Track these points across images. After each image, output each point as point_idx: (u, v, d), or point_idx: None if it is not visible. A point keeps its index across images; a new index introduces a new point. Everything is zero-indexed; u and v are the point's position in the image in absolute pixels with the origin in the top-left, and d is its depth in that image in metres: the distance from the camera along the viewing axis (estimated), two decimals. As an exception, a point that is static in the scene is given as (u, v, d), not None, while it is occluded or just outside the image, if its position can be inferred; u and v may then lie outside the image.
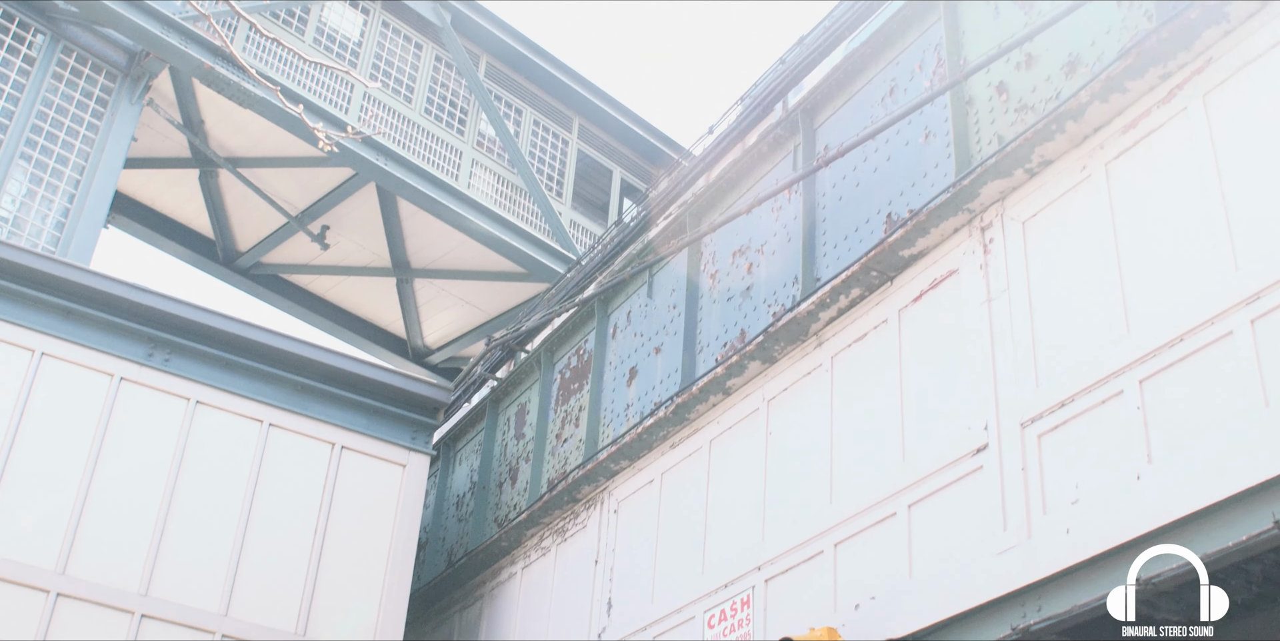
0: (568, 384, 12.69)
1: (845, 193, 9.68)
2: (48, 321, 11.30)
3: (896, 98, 9.45)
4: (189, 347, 11.87)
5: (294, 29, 17.21)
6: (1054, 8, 8.09)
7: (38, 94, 14.77)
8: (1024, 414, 7.24)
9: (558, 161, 19.63)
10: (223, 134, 17.41)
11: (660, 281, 11.81)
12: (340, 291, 20.07)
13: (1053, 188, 7.72)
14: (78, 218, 14.66)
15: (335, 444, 12.21)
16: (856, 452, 8.48)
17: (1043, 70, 8.06)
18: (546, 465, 12.42)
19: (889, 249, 8.56)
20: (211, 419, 11.78)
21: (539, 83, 19.69)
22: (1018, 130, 8.04)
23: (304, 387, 12.31)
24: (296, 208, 18.47)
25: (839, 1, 10.73)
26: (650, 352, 11.45)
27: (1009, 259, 7.82)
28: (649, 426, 10.54)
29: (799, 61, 10.81)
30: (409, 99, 18.06)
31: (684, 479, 10.30)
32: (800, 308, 9.20)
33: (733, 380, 9.88)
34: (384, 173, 16.86)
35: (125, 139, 15.45)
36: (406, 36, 18.58)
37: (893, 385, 8.37)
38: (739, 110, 11.71)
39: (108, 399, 11.31)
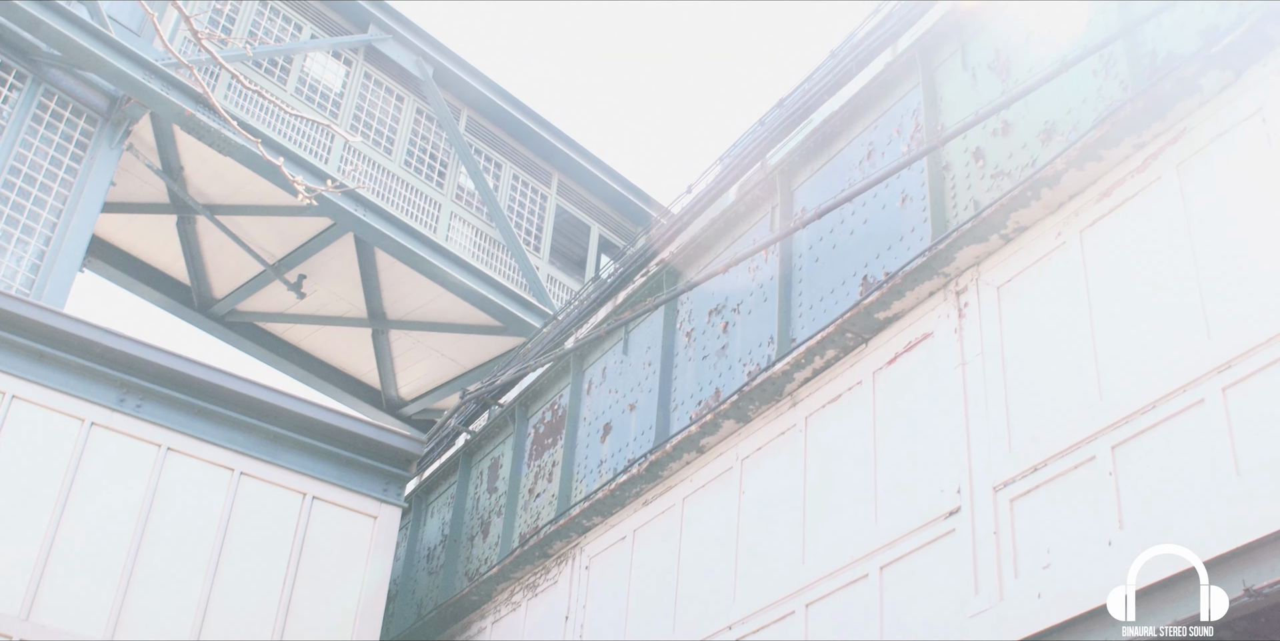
0: (541, 439, 12.68)
1: (822, 254, 9.75)
2: (19, 364, 11.25)
3: (874, 161, 9.55)
4: (161, 394, 11.84)
5: (276, 78, 17.29)
6: (1031, 76, 8.21)
7: (17, 136, 14.78)
8: (997, 478, 7.28)
9: (536, 216, 19.71)
10: (202, 180, 17.43)
11: (636, 338, 11.85)
12: (315, 341, 20.04)
13: (1028, 254, 7.80)
14: (53, 260, 14.62)
15: (306, 494, 12.17)
16: (829, 513, 8.50)
17: (1019, 137, 8.17)
18: (518, 519, 12.39)
19: (864, 311, 8.62)
20: (182, 466, 11.72)
21: (519, 137, 19.82)
22: (994, 196, 8.13)
23: (276, 436, 12.27)
24: (274, 256, 18.48)
25: (819, 64, 10.86)
26: (625, 409, 11.47)
27: (983, 323, 7.89)
28: (622, 483, 10.54)
29: (778, 123, 10.93)
30: (389, 151, 18.14)
31: (656, 536, 10.28)
32: (775, 368, 9.25)
33: (707, 438, 9.90)
34: (362, 223, 16.89)
35: (104, 183, 15.44)
36: (388, 88, 18.68)
37: (866, 446, 8.40)
38: (718, 170, 11.82)
39: (78, 444, 11.25)
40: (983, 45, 8.90)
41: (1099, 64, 7.72)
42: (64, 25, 14.83)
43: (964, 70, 8.98)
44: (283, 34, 17.65)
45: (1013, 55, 8.58)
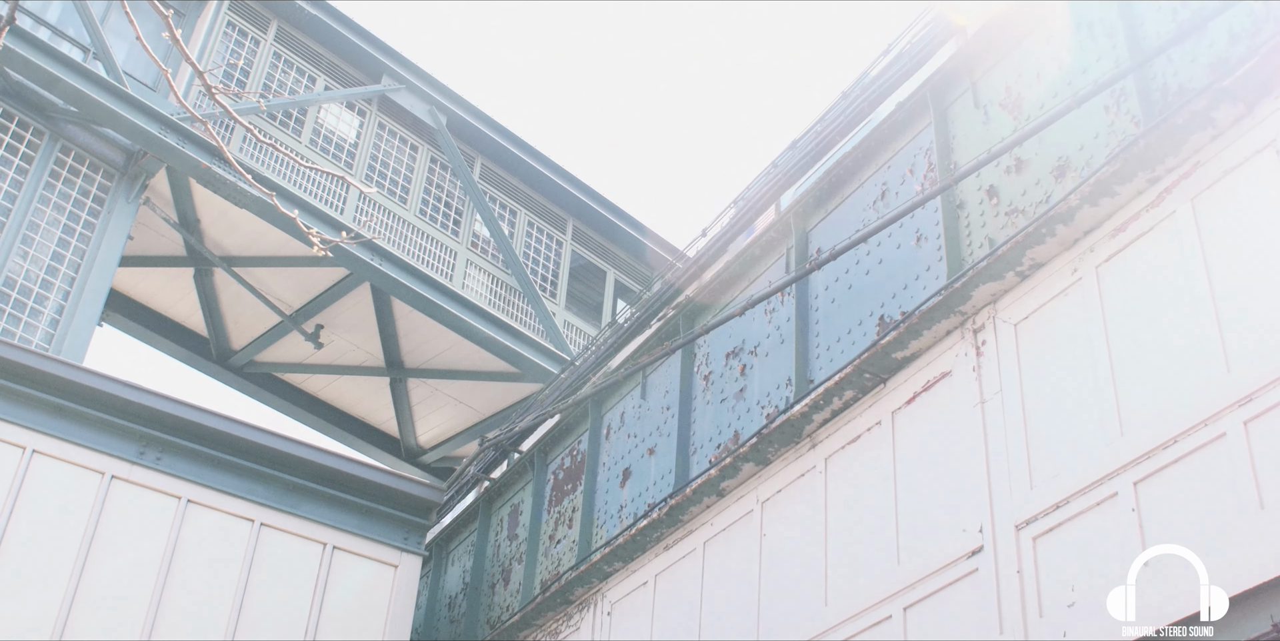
0: (561, 485, 12.64)
1: (838, 295, 9.74)
2: (39, 419, 11.28)
3: (888, 201, 9.56)
4: (180, 446, 11.85)
5: (291, 129, 17.40)
6: (1043, 113, 8.22)
7: (35, 191, 14.88)
8: (1019, 516, 7.22)
9: (552, 262, 19.75)
10: (218, 233, 17.52)
11: (654, 383, 11.83)
12: (334, 390, 20.06)
13: (1044, 290, 7.78)
14: (72, 315, 14.69)
15: (327, 544, 12.14)
16: (851, 555, 8.44)
17: (1032, 174, 8.17)
18: (539, 566, 12.33)
19: (882, 351, 8.60)
20: (202, 518, 11.71)
21: (533, 184, 19.90)
22: (1009, 233, 8.12)
23: (296, 487, 12.26)
24: (291, 307, 18.54)
25: (830, 105, 10.89)
26: (644, 454, 11.44)
27: (1001, 361, 7.86)
28: (643, 528, 10.49)
29: (791, 165, 10.94)
30: (404, 200, 18.22)
31: (678, 580, 10.22)
32: (794, 409, 9.22)
33: (726, 482, 9.86)
34: (378, 273, 16.95)
35: (121, 237, 15.53)
36: (402, 138, 18.79)
37: (887, 487, 8.35)
38: (732, 213, 11.83)
39: (98, 497, 11.25)
40: (994, 83, 8.92)
41: (1110, 99, 7.73)
42: (80, 82, 14.97)
43: (976, 109, 9.00)
44: (297, 86, 17.77)
45: (1024, 92, 8.59)
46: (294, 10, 17.91)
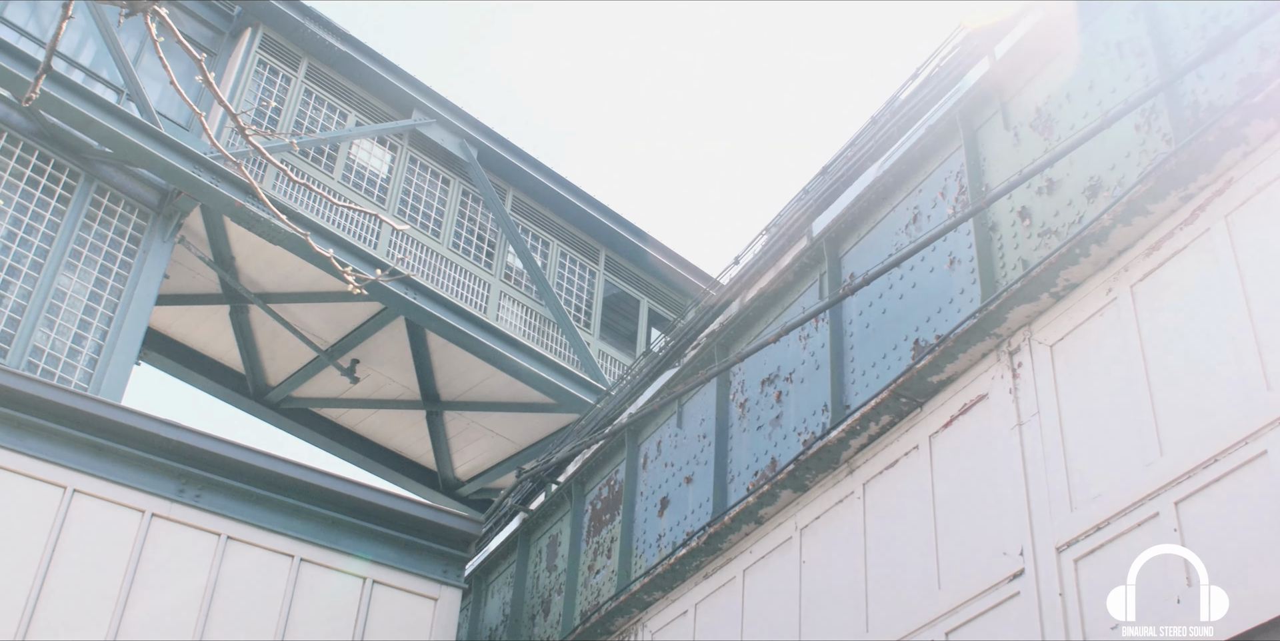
0: (599, 515, 12.62)
1: (872, 320, 9.72)
2: (79, 458, 11.35)
3: (920, 225, 9.54)
4: (219, 483, 11.89)
5: (324, 165, 17.51)
6: (1073, 133, 8.20)
7: (72, 232, 15.00)
8: (1059, 538, 7.17)
9: (585, 292, 19.77)
10: (253, 270, 17.62)
11: (690, 411, 11.81)
12: (370, 424, 20.11)
13: (1079, 311, 7.74)
14: (110, 354, 14.78)
15: (367, 578, 12.15)
16: (892, 580, 8.39)
17: (1065, 195, 8.15)
18: (579, 597, 12.30)
19: (917, 375, 8.57)
20: (242, 554, 11.74)
21: (565, 215, 19.95)
22: (1042, 255, 8.09)
23: (335, 522, 12.28)
24: (326, 342, 18.61)
25: (860, 131, 10.89)
26: (681, 482, 11.41)
27: (1038, 383, 7.81)
28: (682, 557, 10.46)
29: (822, 191, 10.94)
30: (437, 233, 18.29)
31: (718, 609, 10.18)
32: (830, 435, 9.18)
33: (765, 509, 9.83)
34: (413, 307, 17.00)
35: (157, 276, 15.63)
36: (434, 172, 18.88)
37: (926, 511, 8.31)
38: (764, 240, 11.83)
39: (138, 535, 11.30)
40: (1023, 105, 8.91)
41: (1141, 118, 7.71)
42: (115, 123, 15.11)
43: (1006, 130, 8.99)
44: (328, 122, 17.89)
45: (1054, 113, 8.57)
46: (324, 47, 18.05)
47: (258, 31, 17.62)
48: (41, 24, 16.07)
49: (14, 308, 14.21)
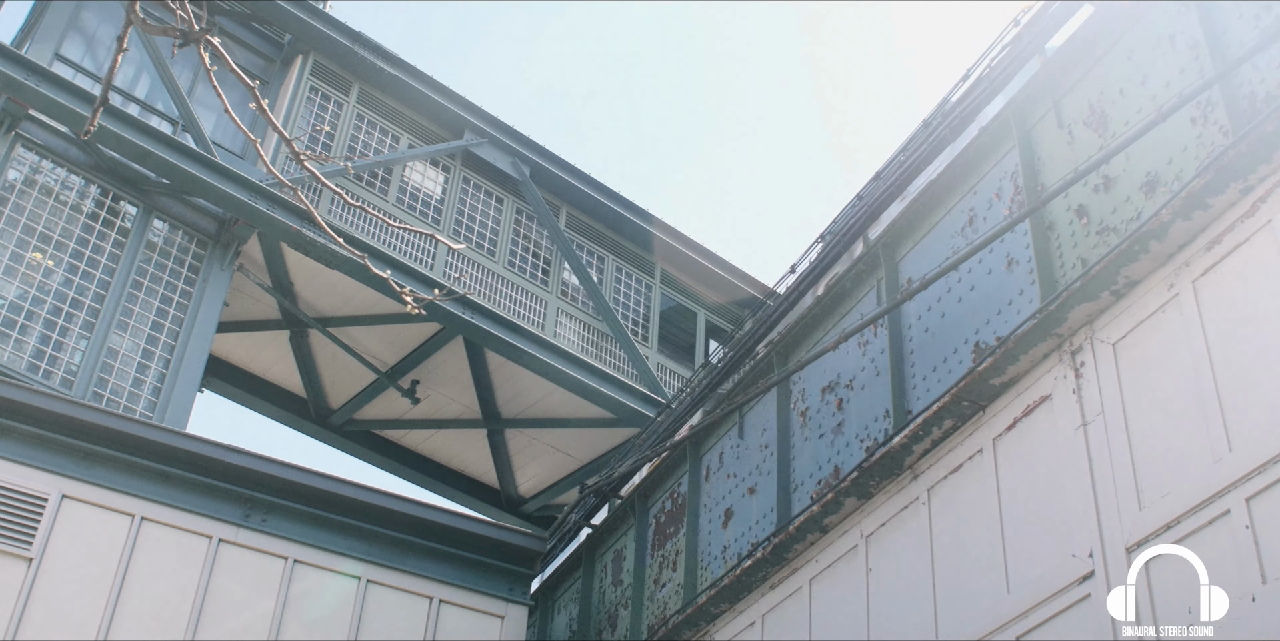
0: (663, 528, 12.58)
1: (931, 324, 9.64)
2: (146, 486, 11.45)
3: (976, 227, 9.46)
4: (285, 507, 11.95)
5: (378, 189, 17.60)
6: (1128, 129, 8.10)
7: (132, 263, 15.16)
8: (1129, 538, 7.06)
9: (642, 306, 19.75)
10: (312, 294, 17.73)
11: (751, 422, 11.76)
12: (432, 444, 20.16)
13: (1141, 308, 7.64)
14: (173, 383, 14.90)
15: (433, 597, 12.16)
16: (960, 585, 8.29)
17: (1122, 191, 8.05)
18: (646, 611, 12.26)
19: (979, 378, 8.48)
20: (310, 577, 11.79)
21: (619, 229, 19.94)
22: (1101, 252, 8.00)
23: (400, 542, 12.32)
24: (386, 364, 18.69)
25: (912, 134, 10.83)
26: (745, 493, 11.36)
27: (1101, 382, 7.71)
28: (747, 568, 10.40)
29: (876, 196, 10.88)
30: (492, 252, 18.33)
31: (785, 620, 10.11)
32: (893, 441, 9.11)
33: (829, 517, 9.75)
34: (471, 326, 17.04)
35: (217, 304, 15.77)
36: (487, 191, 18.93)
37: (992, 515, 8.21)
38: (820, 247, 11.78)
39: (206, 561, 11.37)
40: (1076, 102, 8.82)
41: (1197, 111, 7.60)
42: (171, 154, 15.26)
43: (1059, 129, 8.90)
44: (380, 145, 17.99)
45: (1108, 110, 8.48)
46: (374, 71, 18.16)
47: (308, 58, 17.76)
48: (97, 59, 16.27)
49: (78, 339, 14.36)
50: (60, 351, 14.20)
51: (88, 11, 16.45)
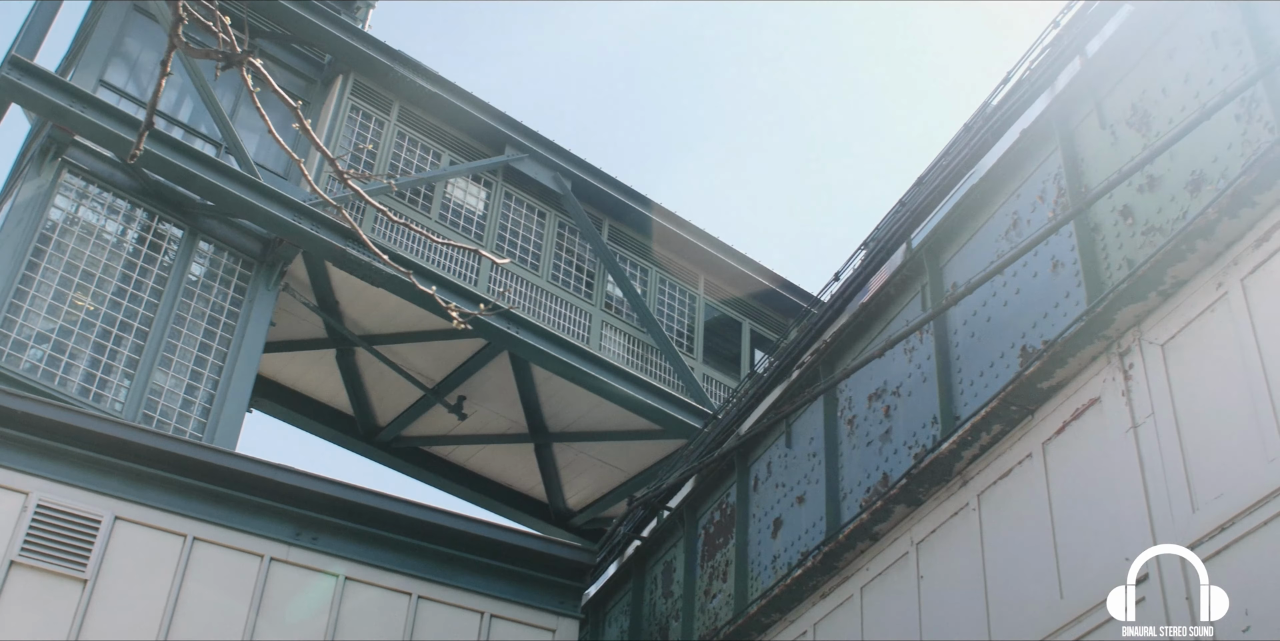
0: (712, 539, 12.55)
1: (977, 328, 9.58)
2: (197, 506, 11.52)
3: (1020, 230, 9.40)
4: (335, 525, 12.00)
5: (420, 206, 17.68)
6: (1172, 128, 8.03)
7: (179, 285, 15.29)
8: (1184, 540, 6.97)
9: (686, 317, 19.74)
10: (357, 313, 17.82)
11: (798, 431, 11.71)
12: (480, 460, 20.21)
13: (1189, 308, 7.56)
14: (222, 403, 15.01)
15: (484, 613, 12.18)
16: (1012, 591, 8.22)
17: (1167, 191, 7.98)
18: (697, 622, 12.22)
19: (1027, 382, 8.41)
20: (361, 594, 11.82)
21: (662, 241, 19.95)
22: (1147, 253, 7.92)
23: (450, 558, 12.34)
24: (433, 380, 18.75)
25: (953, 139, 10.78)
26: (793, 502, 11.31)
27: (1151, 383, 7.63)
28: (798, 577, 10.35)
29: (919, 202, 10.83)
30: (536, 267, 18.38)
31: (837, 628, 10.06)
32: (942, 448, 9.05)
33: (879, 525, 9.70)
34: (516, 341, 17.08)
35: (264, 324, 15.88)
36: (529, 206, 18.99)
37: (1044, 520, 8.14)
38: (863, 255, 11.73)
39: (258, 580, 11.42)
40: (1118, 102, 8.75)
41: (1241, 108, 7.53)
42: (215, 176, 15.40)
43: (1102, 129, 8.83)
44: (422, 163, 18.08)
45: (1150, 109, 8.41)
46: (414, 89, 18.26)
47: (348, 78, 17.87)
48: (140, 84, 16.43)
49: (127, 362, 14.48)
50: (110, 374, 14.33)
51: (131, 37, 16.62)
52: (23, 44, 15.41)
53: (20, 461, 10.99)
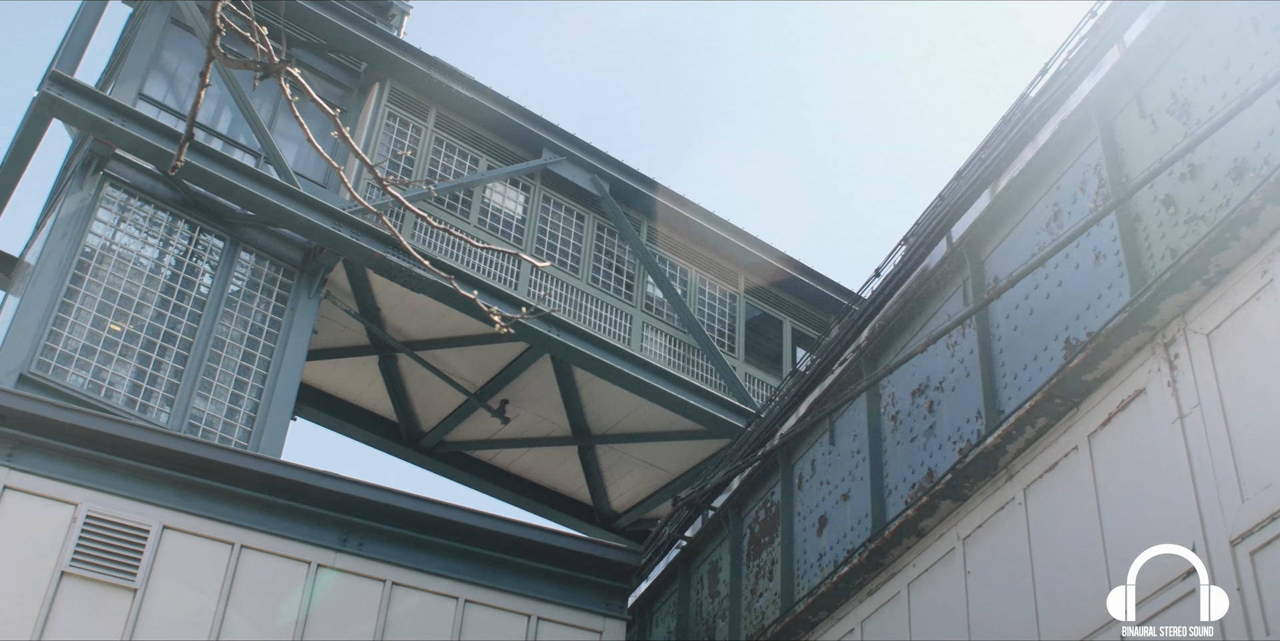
0: (758, 538, 12.52)
1: (1020, 322, 9.52)
2: (244, 515, 11.58)
3: (1061, 222, 9.33)
4: (381, 530, 12.03)
5: (459, 211, 17.72)
6: (1213, 116, 7.95)
7: (221, 296, 15.37)
8: (1232, 531, 6.90)
9: (727, 317, 19.71)
10: (398, 319, 17.87)
11: (841, 428, 11.67)
12: (524, 463, 20.23)
13: (1234, 297, 7.48)
14: (266, 411, 15.08)
15: (531, 615, 12.18)
16: (1060, 584, 8.16)
17: (1209, 179, 7.90)
18: (744, 621, 12.20)
19: (1071, 374, 8.35)
20: (408, 599, 11.85)
21: (701, 241, 19.91)
22: (1190, 242, 7.85)
23: (496, 562, 12.35)
24: (475, 385, 18.78)
25: (992, 132, 10.71)
26: (838, 500, 11.27)
27: (1197, 373, 7.56)
28: (844, 575, 10.31)
29: (958, 196, 10.77)
30: (575, 270, 18.39)
31: (885, 625, 10.01)
32: (987, 442, 8.99)
33: (925, 521, 9.65)
34: (558, 344, 17.09)
35: (306, 333, 15.94)
36: (568, 209, 19.00)
37: (1090, 512, 8.07)
38: (903, 250, 11.67)
39: (306, 586, 11.47)
40: (1158, 91, 8.67)
41: (1282, 93, 7.44)
42: (255, 186, 15.47)
43: (1142, 119, 8.75)
44: (460, 168, 18.12)
45: (1191, 97, 8.33)
46: (451, 95, 18.30)
47: (385, 86, 17.93)
48: (179, 97, 16.54)
49: (172, 373, 14.58)
50: (156, 385, 14.42)
51: (169, 51, 16.73)
52: (63, 59, 15.53)
53: (70, 473, 11.08)
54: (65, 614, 10.47)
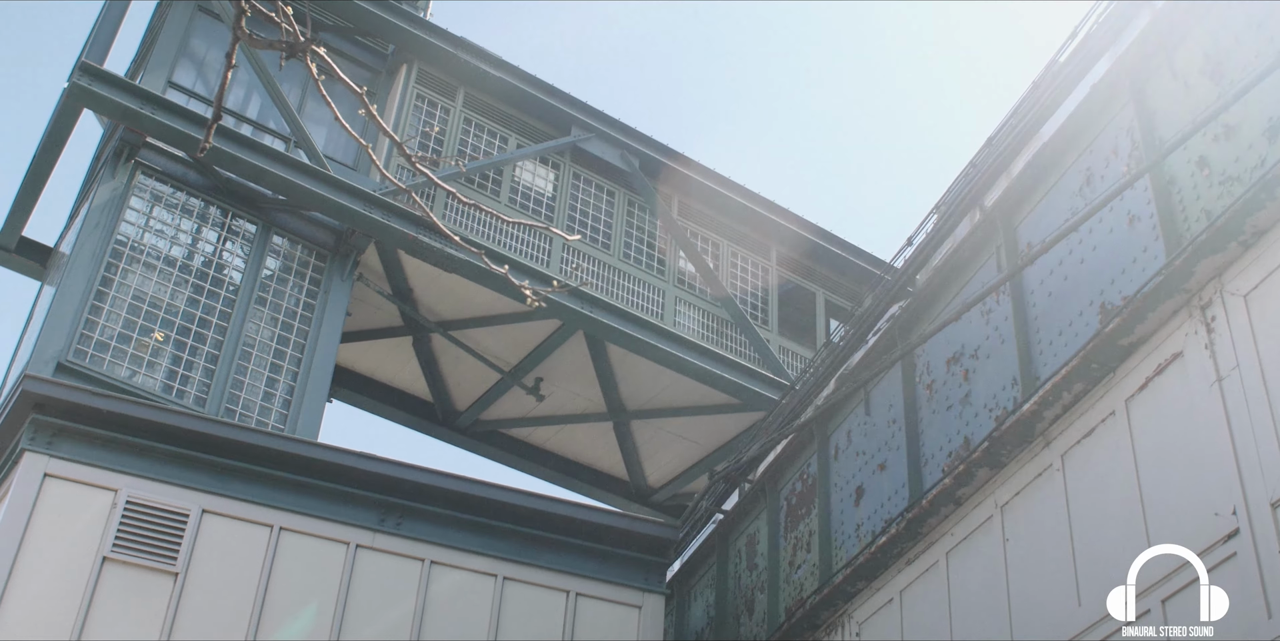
0: (794, 510, 12.50)
1: (1054, 288, 9.45)
2: (283, 497, 11.63)
3: (1094, 186, 9.25)
4: (419, 510, 12.06)
5: (489, 191, 17.71)
6: (1247, 75, 7.85)
7: (255, 280, 15.42)
8: (1274, 493, 6.84)
9: (760, 289, 19.65)
10: (431, 299, 17.89)
11: (876, 398, 11.63)
12: (559, 440, 20.25)
13: (1271, 257, 7.40)
14: (302, 394, 15.13)
15: (570, 591, 12.20)
16: (1100, 550, 8.11)
17: (1244, 139, 7.81)
18: (782, 593, 12.19)
19: (1107, 339, 8.28)
20: (447, 578, 11.89)
21: (732, 214, 19.84)
22: (1225, 203, 7.76)
23: (534, 539, 12.37)
24: (509, 363, 18.79)
25: (1022, 97, 10.62)
26: (875, 470, 11.24)
27: (1235, 335, 7.48)
28: (882, 545, 10.29)
29: (989, 163, 10.69)
30: (607, 246, 18.36)
31: (924, 595, 9.99)
32: (1023, 409, 8.94)
33: (962, 489, 9.61)
34: (591, 320, 17.08)
35: (340, 315, 15.97)
36: (598, 185, 18.96)
37: (1129, 478, 8.02)
38: (935, 218, 11.60)
39: (345, 567, 11.51)
40: (1190, 52, 8.57)
41: (1315, 50, 7.35)
42: (285, 170, 15.50)
43: (1174, 80, 8.66)
44: (489, 147, 18.10)
45: (1223, 58, 8.23)
46: (478, 75, 18.26)
47: (413, 67, 17.92)
48: (208, 83, 16.58)
49: (208, 358, 14.64)
50: (192, 370, 14.48)
51: (196, 38, 16.75)
52: (92, 50, 15.57)
53: (109, 459, 11.14)
54: (108, 599, 10.55)
